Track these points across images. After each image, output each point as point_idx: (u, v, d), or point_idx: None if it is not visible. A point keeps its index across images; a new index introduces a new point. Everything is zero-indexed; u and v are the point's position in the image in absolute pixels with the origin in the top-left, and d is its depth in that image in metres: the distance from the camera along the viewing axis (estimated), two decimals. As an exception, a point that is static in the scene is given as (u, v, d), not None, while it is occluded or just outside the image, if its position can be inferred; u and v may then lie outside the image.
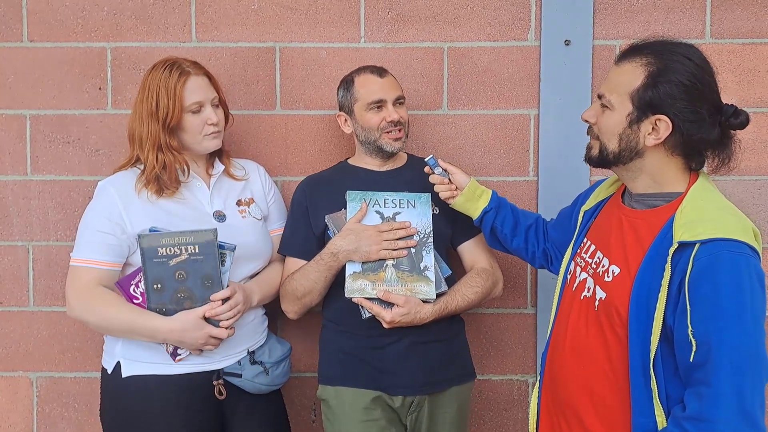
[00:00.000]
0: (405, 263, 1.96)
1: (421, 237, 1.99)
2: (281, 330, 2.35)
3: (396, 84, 2.08)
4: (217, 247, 1.87)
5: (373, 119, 2.03)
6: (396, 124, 2.02)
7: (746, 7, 2.28)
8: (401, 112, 2.05)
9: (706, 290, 1.37)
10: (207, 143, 1.97)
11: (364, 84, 2.04)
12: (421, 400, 1.99)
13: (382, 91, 2.03)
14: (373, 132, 2.04)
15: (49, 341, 2.36)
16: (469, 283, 2.04)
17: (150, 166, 1.92)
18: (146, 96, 1.92)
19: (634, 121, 1.50)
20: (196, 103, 1.92)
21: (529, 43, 2.31)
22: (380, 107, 2.03)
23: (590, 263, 1.62)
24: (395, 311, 1.90)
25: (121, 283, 1.91)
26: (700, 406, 1.36)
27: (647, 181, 1.55)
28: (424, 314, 1.93)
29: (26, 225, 2.34)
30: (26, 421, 2.39)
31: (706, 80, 1.48)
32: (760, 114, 2.30)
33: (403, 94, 2.08)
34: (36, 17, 2.31)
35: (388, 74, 2.07)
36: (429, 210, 2.02)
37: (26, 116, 2.33)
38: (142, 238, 1.85)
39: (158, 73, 1.92)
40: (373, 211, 2.00)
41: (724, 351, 1.34)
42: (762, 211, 2.32)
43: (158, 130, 1.91)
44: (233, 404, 1.98)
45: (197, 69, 1.95)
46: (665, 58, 1.48)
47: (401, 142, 2.06)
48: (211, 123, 1.94)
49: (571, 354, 1.60)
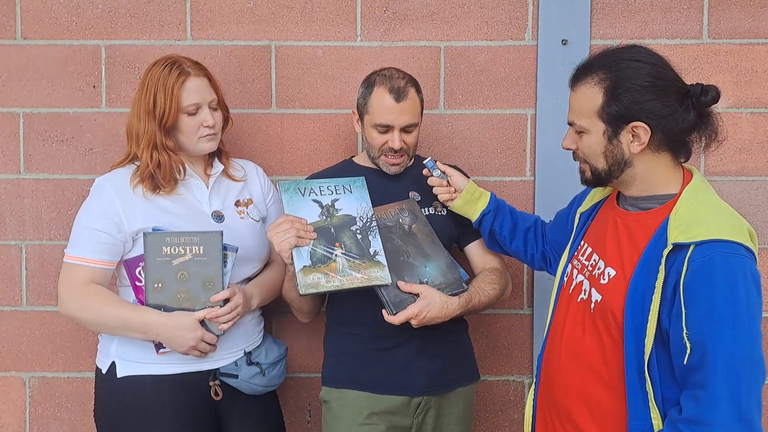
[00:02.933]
0: (353, 251, 1.88)
1: (364, 222, 1.92)
2: (276, 331, 2.34)
3: (411, 109, 1.95)
4: (221, 250, 1.86)
5: (376, 139, 1.98)
6: (398, 150, 1.97)
7: (744, 7, 2.28)
8: (408, 139, 1.98)
9: (701, 292, 1.36)
10: (202, 145, 1.95)
11: (379, 100, 1.94)
12: (427, 401, 1.97)
13: (392, 116, 1.93)
14: (374, 150, 2.00)
15: (42, 341, 2.35)
16: (486, 279, 2.01)
17: (144, 164, 1.91)
18: (144, 93, 1.90)
19: (612, 136, 1.50)
20: (192, 104, 1.90)
21: (526, 43, 2.30)
22: (387, 131, 1.96)
23: (586, 266, 1.61)
24: (418, 303, 1.83)
25: (128, 264, 1.90)
26: (696, 409, 1.35)
27: (641, 186, 1.55)
28: (451, 306, 1.87)
29: (19, 224, 2.33)
30: (19, 421, 2.38)
31: (662, 73, 1.48)
32: (757, 114, 2.29)
33: (416, 121, 1.97)
34: (30, 14, 2.29)
35: (405, 98, 1.93)
36: (366, 194, 1.96)
37: (19, 114, 2.32)
38: (147, 236, 1.84)
39: (158, 71, 1.90)
40: (310, 200, 1.92)
41: (720, 353, 1.33)
42: (759, 211, 2.31)
43: (154, 128, 1.89)
44: (229, 405, 1.96)
45: (198, 70, 1.93)
46: (615, 68, 1.49)
47: (399, 167, 2.02)
48: (207, 125, 1.92)
49: (567, 356, 1.59)
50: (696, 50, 2.29)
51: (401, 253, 1.93)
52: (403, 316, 1.83)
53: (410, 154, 2.03)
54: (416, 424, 1.97)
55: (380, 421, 1.94)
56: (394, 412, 1.95)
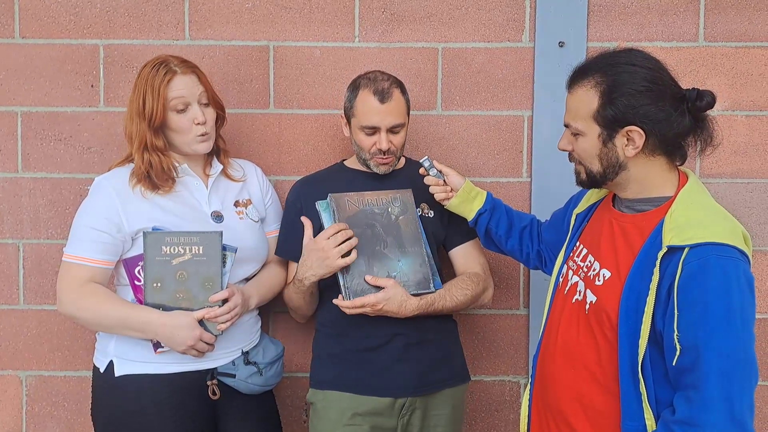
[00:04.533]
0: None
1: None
2: (272, 330, 2.35)
3: (396, 110, 1.97)
4: (221, 250, 1.87)
5: (364, 141, 2.00)
6: (386, 152, 1.99)
7: (740, 10, 2.29)
8: (395, 140, 1.99)
9: (694, 295, 1.37)
10: (196, 146, 1.95)
11: (363, 103, 1.97)
12: (412, 402, 1.97)
13: (378, 118, 1.95)
14: (363, 152, 2.02)
15: (38, 340, 2.35)
16: (459, 284, 2.03)
17: (137, 165, 1.92)
18: (135, 95, 1.91)
19: (607, 139, 1.51)
20: (178, 99, 1.89)
21: (523, 45, 2.31)
22: (373, 132, 1.98)
23: (582, 267, 1.62)
24: (378, 294, 1.88)
25: (127, 263, 1.91)
26: (689, 411, 1.36)
27: (636, 188, 1.55)
28: (409, 306, 1.90)
29: (17, 222, 2.33)
30: (15, 420, 2.38)
31: (658, 77, 1.48)
32: (753, 117, 2.31)
33: (402, 121, 1.99)
34: (28, 13, 2.29)
35: (390, 99, 1.95)
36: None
37: (17, 113, 2.32)
38: (146, 235, 1.84)
39: (147, 71, 1.91)
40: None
41: (713, 355, 1.34)
42: (753, 213, 2.32)
43: (145, 129, 1.90)
44: (226, 404, 1.97)
45: (185, 68, 1.93)
46: (611, 72, 1.49)
47: (389, 167, 2.03)
48: (198, 122, 1.92)
49: (561, 357, 1.60)
50: (692, 53, 2.30)
51: (379, 243, 1.95)
52: (359, 302, 1.87)
53: (398, 155, 2.04)
54: (401, 425, 1.97)
55: (364, 422, 1.94)
56: (378, 413, 1.95)
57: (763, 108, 2.30)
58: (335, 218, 1.94)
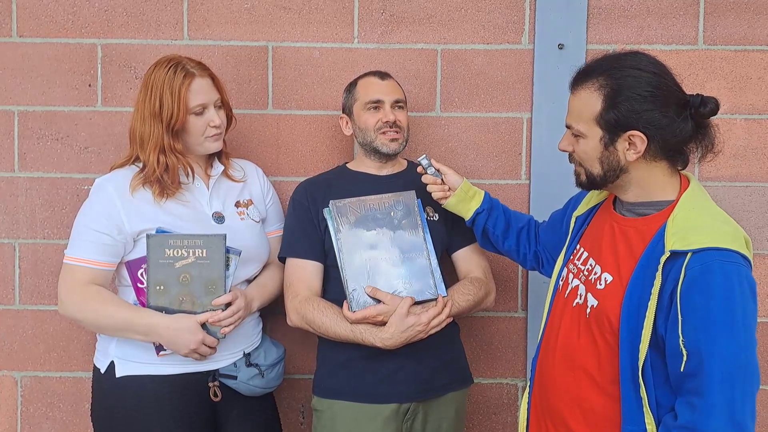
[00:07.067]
0: None
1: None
2: (271, 332, 2.34)
3: (397, 88, 2.08)
4: (224, 253, 1.86)
5: (369, 120, 2.02)
6: (392, 125, 2.01)
7: (739, 13, 2.29)
8: (399, 115, 2.04)
9: (697, 300, 1.37)
10: (208, 145, 1.95)
11: (364, 86, 2.06)
12: (416, 407, 1.97)
13: (381, 92, 2.03)
14: (369, 133, 2.03)
15: (34, 340, 2.34)
16: (461, 290, 2.02)
17: (151, 167, 1.88)
18: (149, 96, 1.88)
19: (609, 142, 1.50)
20: (200, 105, 1.89)
21: (522, 47, 2.31)
22: (377, 108, 2.02)
23: (582, 270, 1.62)
24: (378, 307, 1.89)
25: (130, 265, 1.90)
26: (692, 416, 1.36)
27: (637, 191, 1.55)
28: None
29: (13, 222, 2.32)
30: (10, 421, 2.36)
31: (663, 83, 1.47)
32: (752, 120, 2.31)
33: (403, 98, 2.08)
34: (25, 12, 2.28)
35: (390, 78, 2.09)
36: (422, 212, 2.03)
37: (14, 112, 2.30)
38: (150, 238, 1.83)
39: (162, 72, 1.88)
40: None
41: (716, 361, 1.34)
42: (752, 217, 2.32)
43: (161, 131, 1.87)
44: (227, 406, 1.96)
45: (202, 70, 1.92)
46: (616, 76, 1.48)
47: (398, 144, 2.04)
48: (213, 125, 1.92)
49: (561, 360, 1.60)
50: (691, 56, 2.30)
51: (381, 249, 1.95)
52: (360, 315, 1.89)
53: (405, 136, 2.07)
54: (405, 430, 1.97)
55: (369, 429, 1.94)
56: (384, 419, 1.95)
57: (762, 111, 2.30)
58: (337, 225, 1.95)
